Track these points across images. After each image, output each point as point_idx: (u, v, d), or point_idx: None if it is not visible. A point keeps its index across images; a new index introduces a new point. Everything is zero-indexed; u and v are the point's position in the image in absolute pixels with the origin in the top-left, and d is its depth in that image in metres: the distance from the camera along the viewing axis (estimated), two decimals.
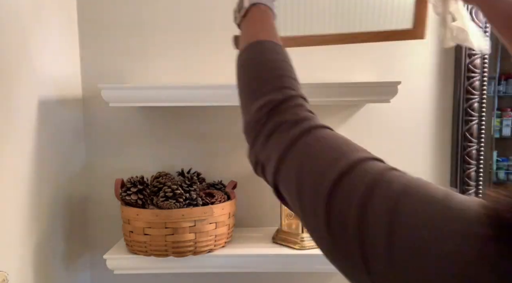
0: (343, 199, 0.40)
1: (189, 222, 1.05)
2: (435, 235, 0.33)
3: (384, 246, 0.35)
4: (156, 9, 1.23)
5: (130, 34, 1.24)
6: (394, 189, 0.38)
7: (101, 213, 1.28)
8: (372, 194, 0.39)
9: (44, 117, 1.07)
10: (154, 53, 1.24)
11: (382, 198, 0.38)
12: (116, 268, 1.11)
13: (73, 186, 1.23)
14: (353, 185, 0.40)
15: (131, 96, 1.13)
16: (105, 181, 1.24)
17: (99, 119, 1.26)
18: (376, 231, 0.36)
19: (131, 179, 1.12)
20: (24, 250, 0.99)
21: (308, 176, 0.45)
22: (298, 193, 0.46)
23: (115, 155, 1.27)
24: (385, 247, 0.35)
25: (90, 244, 1.29)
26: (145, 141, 1.28)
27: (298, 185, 0.46)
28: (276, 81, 0.54)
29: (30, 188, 1.02)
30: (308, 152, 0.46)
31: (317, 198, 0.42)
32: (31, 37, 1.03)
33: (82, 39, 1.24)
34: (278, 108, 0.52)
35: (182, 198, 1.06)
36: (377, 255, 0.36)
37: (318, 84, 1.07)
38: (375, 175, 0.40)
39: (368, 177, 0.40)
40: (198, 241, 1.07)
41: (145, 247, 1.07)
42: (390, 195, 0.38)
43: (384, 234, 0.36)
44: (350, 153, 0.43)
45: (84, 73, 1.25)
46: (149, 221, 1.05)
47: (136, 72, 1.25)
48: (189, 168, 1.22)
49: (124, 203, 1.10)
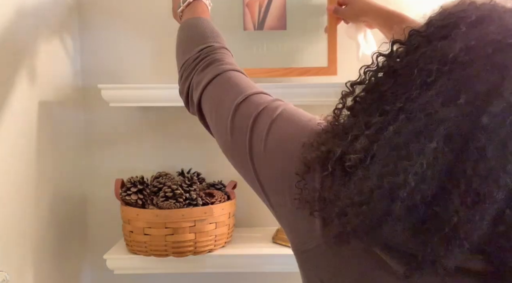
0: (242, 115, 0.62)
1: (189, 222, 1.05)
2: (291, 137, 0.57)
3: (262, 139, 0.58)
4: (156, 9, 1.23)
5: (130, 34, 1.24)
6: (274, 110, 0.60)
7: (101, 213, 1.28)
8: (261, 113, 0.61)
9: (44, 117, 1.07)
10: (154, 53, 1.24)
11: (266, 115, 0.60)
12: (116, 268, 1.11)
13: (73, 186, 1.23)
14: (249, 107, 0.62)
15: (131, 96, 1.13)
16: (105, 181, 1.24)
17: (99, 119, 1.26)
18: (259, 133, 0.59)
19: (131, 179, 1.12)
20: (24, 250, 0.99)
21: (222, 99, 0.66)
22: (215, 110, 0.67)
23: (115, 155, 1.27)
24: (263, 140, 0.58)
25: (90, 244, 1.29)
26: (145, 141, 1.28)
27: (215, 104, 0.68)
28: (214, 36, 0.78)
29: (30, 188, 1.02)
30: (225, 84, 0.68)
31: (227, 113, 0.63)
32: (31, 37, 1.03)
33: (82, 39, 1.24)
34: (215, 51, 0.74)
35: (182, 198, 1.06)
36: (258, 145, 0.59)
37: None
38: (264, 103, 0.62)
39: (258, 103, 0.62)
40: (198, 241, 1.07)
41: (145, 247, 1.07)
42: (271, 114, 0.60)
43: (264, 133, 0.58)
44: (249, 88, 0.65)
45: (84, 74, 1.25)
46: (149, 221, 1.05)
47: (136, 72, 1.25)
48: (189, 168, 1.22)
49: (124, 203, 1.10)
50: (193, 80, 0.74)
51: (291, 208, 0.53)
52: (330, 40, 1.15)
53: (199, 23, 0.81)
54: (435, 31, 0.47)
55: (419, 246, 0.43)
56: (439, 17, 0.49)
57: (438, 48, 0.45)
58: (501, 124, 0.40)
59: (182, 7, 0.88)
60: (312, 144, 0.52)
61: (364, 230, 0.44)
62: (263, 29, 1.17)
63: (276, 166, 0.57)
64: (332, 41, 1.15)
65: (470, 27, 0.45)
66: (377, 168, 0.43)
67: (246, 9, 1.17)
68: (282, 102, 0.63)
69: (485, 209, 0.40)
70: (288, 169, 0.54)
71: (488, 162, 0.40)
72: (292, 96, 1.11)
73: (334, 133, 0.51)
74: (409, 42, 0.49)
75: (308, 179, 0.51)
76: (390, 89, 0.47)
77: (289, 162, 0.54)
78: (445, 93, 0.42)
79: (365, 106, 0.49)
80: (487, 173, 0.40)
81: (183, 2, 0.88)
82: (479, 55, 0.43)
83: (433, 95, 0.43)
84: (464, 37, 0.44)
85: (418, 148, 0.41)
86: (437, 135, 0.41)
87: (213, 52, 0.74)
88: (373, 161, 0.44)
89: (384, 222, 0.42)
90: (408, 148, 0.42)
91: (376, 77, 0.50)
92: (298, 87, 1.13)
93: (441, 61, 0.44)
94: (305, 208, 0.50)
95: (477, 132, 0.40)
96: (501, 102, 0.40)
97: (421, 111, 0.42)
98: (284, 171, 0.55)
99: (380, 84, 0.49)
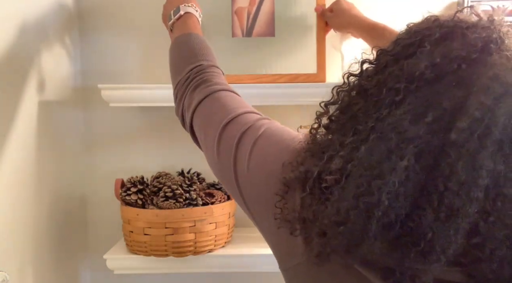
0: (227, 136, 0.63)
1: (189, 222, 1.05)
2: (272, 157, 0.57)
3: (246, 159, 0.59)
4: (156, 8, 1.22)
5: (130, 34, 1.24)
6: (258, 130, 0.61)
7: (101, 213, 1.28)
8: (245, 132, 0.62)
9: (44, 117, 1.07)
10: (154, 53, 1.24)
11: (250, 134, 0.61)
12: (116, 268, 1.11)
13: (73, 186, 1.23)
14: (234, 128, 0.63)
15: (131, 96, 1.13)
16: (105, 181, 1.24)
17: (99, 119, 1.26)
18: (243, 153, 0.60)
19: (131, 179, 1.12)
20: (24, 250, 0.99)
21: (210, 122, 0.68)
22: (204, 132, 0.69)
23: (115, 155, 1.27)
24: (246, 160, 0.59)
25: (90, 244, 1.29)
26: (145, 141, 1.28)
27: (203, 126, 0.70)
28: (204, 54, 0.79)
29: (30, 188, 1.02)
30: (213, 106, 0.69)
31: (214, 135, 0.65)
32: (32, 37, 1.03)
33: (82, 40, 1.24)
34: (204, 71, 0.75)
35: (182, 198, 1.06)
36: (241, 164, 0.60)
37: None
38: (249, 122, 0.63)
39: (244, 123, 0.63)
40: (198, 241, 1.07)
41: (145, 247, 1.07)
42: (255, 133, 0.61)
43: (247, 153, 0.59)
44: (237, 109, 0.66)
45: (84, 74, 1.25)
46: (149, 221, 1.05)
47: (136, 72, 1.25)
48: (189, 168, 1.22)
49: (124, 203, 1.10)
50: (184, 102, 0.76)
51: (273, 227, 0.54)
52: (318, 47, 1.16)
53: (189, 41, 0.82)
54: (402, 50, 0.48)
55: (397, 261, 0.43)
56: (405, 35, 0.49)
57: (405, 66, 0.46)
58: (469, 139, 0.41)
59: (173, 20, 0.88)
60: (292, 164, 0.53)
61: (344, 249, 0.45)
62: (251, 35, 1.18)
63: (259, 186, 0.58)
64: (321, 48, 1.16)
65: (435, 45, 0.46)
66: (352, 188, 0.44)
67: (235, 16, 1.18)
68: (267, 121, 0.64)
69: (459, 223, 0.41)
70: (270, 189, 0.55)
71: (459, 177, 0.41)
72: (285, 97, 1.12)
73: (312, 152, 0.52)
74: (377, 61, 0.50)
75: (289, 199, 0.52)
76: (362, 108, 0.48)
77: (271, 181, 0.55)
78: (413, 111, 0.43)
79: (339, 126, 0.50)
80: (458, 188, 0.41)
81: (174, 14, 0.88)
82: (445, 72, 0.44)
83: (402, 114, 0.43)
84: (429, 55, 0.45)
85: (390, 166, 0.42)
86: (407, 153, 0.42)
87: (202, 72, 0.75)
88: (348, 181, 0.45)
89: (362, 241, 0.43)
90: (381, 167, 0.42)
91: (349, 97, 0.51)
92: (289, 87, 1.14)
93: (408, 79, 0.44)
94: (286, 227, 0.51)
95: (446, 148, 0.41)
96: (468, 117, 0.41)
97: (391, 130, 0.43)
98: (266, 191, 0.56)
99: (352, 103, 0.49)
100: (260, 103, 1.11)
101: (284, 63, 1.19)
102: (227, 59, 0.81)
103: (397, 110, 0.44)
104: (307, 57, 1.17)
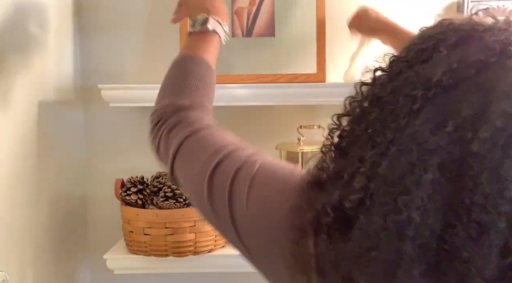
0: (219, 179, 0.60)
1: (189, 222, 1.05)
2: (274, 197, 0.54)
3: (244, 203, 0.56)
4: (156, 9, 1.23)
5: (130, 34, 1.24)
6: (252, 169, 0.58)
7: (101, 213, 1.28)
8: (238, 173, 0.58)
9: (44, 117, 1.07)
10: (154, 53, 1.24)
11: (244, 175, 0.57)
12: (116, 268, 1.11)
13: (73, 186, 1.23)
14: (226, 170, 0.60)
15: (131, 96, 1.13)
16: (105, 181, 1.23)
17: (99, 119, 1.26)
18: (239, 196, 0.56)
19: (131, 179, 1.12)
20: (24, 250, 0.99)
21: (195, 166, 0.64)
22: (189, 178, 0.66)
23: (115, 155, 1.27)
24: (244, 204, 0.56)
25: (90, 244, 1.29)
26: (145, 141, 1.26)
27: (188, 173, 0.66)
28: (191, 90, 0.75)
29: (30, 188, 1.02)
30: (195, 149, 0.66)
31: (202, 180, 0.61)
32: (31, 37, 1.03)
33: (82, 39, 1.24)
34: (182, 110, 0.72)
35: (182, 198, 1.06)
36: (239, 209, 0.56)
37: None
38: (240, 161, 0.59)
39: (235, 162, 0.60)
40: (198, 241, 1.07)
41: (145, 247, 1.07)
42: (250, 173, 0.57)
43: (244, 196, 0.56)
44: (225, 147, 0.63)
45: (84, 74, 1.25)
46: (149, 221, 1.05)
47: (136, 72, 1.25)
48: None
49: (124, 203, 1.10)
50: (160, 142, 0.74)
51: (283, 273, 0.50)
52: (319, 47, 1.16)
53: (188, 69, 0.78)
54: (416, 56, 0.46)
55: None
56: (418, 40, 0.47)
57: (421, 72, 0.43)
58: (492, 150, 0.38)
59: (196, 29, 0.82)
60: (301, 206, 0.48)
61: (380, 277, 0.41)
62: (251, 35, 1.18)
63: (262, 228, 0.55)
64: (321, 48, 1.16)
65: (451, 49, 0.43)
66: (378, 207, 0.41)
67: (235, 16, 1.18)
68: (258, 157, 0.60)
69: (491, 240, 0.38)
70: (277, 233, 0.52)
71: (484, 190, 0.38)
72: None
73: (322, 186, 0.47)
74: (390, 68, 0.47)
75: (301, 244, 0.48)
76: (378, 118, 0.45)
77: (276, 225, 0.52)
78: (433, 120, 0.41)
79: (354, 139, 0.46)
80: (484, 201, 0.38)
81: (200, 24, 0.81)
82: (463, 77, 0.41)
83: (421, 124, 0.41)
84: (446, 60, 0.43)
85: (415, 181, 0.40)
86: (431, 165, 0.39)
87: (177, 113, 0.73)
88: (373, 200, 0.42)
89: (398, 268, 0.40)
90: (404, 182, 0.40)
91: (362, 107, 0.47)
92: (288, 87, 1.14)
93: (425, 86, 0.42)
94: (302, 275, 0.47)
95: (469, 160, 0.39)
96: (490, 126, 0.39)
97: (411, 141, 0.41)
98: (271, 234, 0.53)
99: (367, 113, 0.46)
100: (260, 103, 1.11)
101: (284, 63, 1.19)
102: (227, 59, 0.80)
103: (416, 119, 0.41)
104: (307, 57, 1.17)
